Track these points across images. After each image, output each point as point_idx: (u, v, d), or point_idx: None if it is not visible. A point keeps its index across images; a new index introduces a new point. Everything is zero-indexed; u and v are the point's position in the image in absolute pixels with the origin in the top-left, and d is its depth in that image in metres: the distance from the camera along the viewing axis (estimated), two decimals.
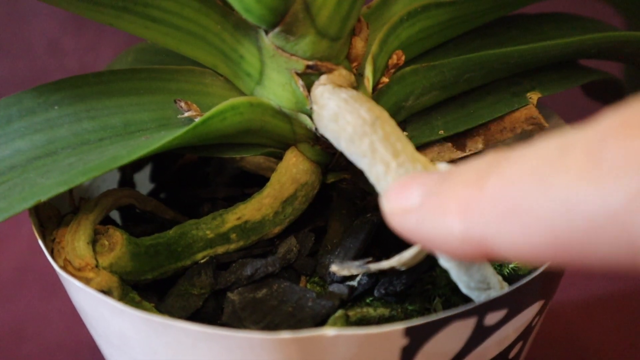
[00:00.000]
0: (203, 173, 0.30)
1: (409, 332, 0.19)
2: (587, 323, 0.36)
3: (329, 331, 0.19)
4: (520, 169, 0.14)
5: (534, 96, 0.26)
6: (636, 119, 0.13)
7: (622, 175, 0.12)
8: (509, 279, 0.23)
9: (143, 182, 0.32)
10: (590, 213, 0.13)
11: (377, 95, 0.25)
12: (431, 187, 0.17)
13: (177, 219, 0.27)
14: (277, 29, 0.22)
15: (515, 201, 0.14)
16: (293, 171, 0.25)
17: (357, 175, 0.25)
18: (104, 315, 0.21)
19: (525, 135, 0.31)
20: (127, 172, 0.31)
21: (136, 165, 0.31)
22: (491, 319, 0.20)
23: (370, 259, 0.22)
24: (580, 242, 0.13)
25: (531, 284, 0.21)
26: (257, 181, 0.27)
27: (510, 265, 0.24)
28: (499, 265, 0.24)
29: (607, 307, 0.37)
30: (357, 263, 0.22)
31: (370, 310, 0.22)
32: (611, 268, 0.13)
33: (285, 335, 0.19)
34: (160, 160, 0.32)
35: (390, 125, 0.21)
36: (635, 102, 0.13)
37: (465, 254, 0.16)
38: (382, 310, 0.22)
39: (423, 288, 0.23)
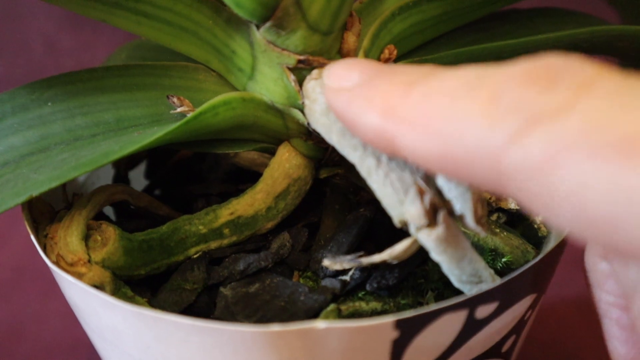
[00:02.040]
0: (197, 170, 0.30)
1: (399, 324, 0.19)
2: (581, 320, 0.36)
3: (319, 324, 0.19)
4: (441, 87, 0.16)
5: None
6: (538, 71, 0.15)
7: (507, 119, 0.14)
8: (502, 272, 0.23)
9: (138, 178, 0.32)
10: (476, 142, 0.15)
11: None
12: (368, 76, 0.19)
13: (171, 215, 0.27)
14: (268, 24, 0.22)
15: (426, 114, 0.16)
16: (286, 166, 0.25)
17: (350, 171, 0.25)
18: (96, 309, 0.21)
19: None
20: (122, 168, 0.31)
21: (130, 162, 0.31)
22: (482, 312, 0.20)
23: (362, 253, 0.22)
24: (464, 163, 0.15)
25: (522, 277, 0.21)
26: (251, 177, 0.27)
27: (503, 259, 0.24)
28: (491, 259, 0.24)
29: None
30: (349, 257, 0.22)
31: (363, 304, 0.22)
32: (488, 188, 0.15)
33: (276, 328, 0.19)
34: (154, 157, 0.32)
35: None
36: (546, 57, 0.15)
37: (375, 144, 0.18)
38: (375, 304, 0.22)
39: (415, 282, 0.23)
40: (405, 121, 0.16)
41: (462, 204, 0.19)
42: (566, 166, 0.13)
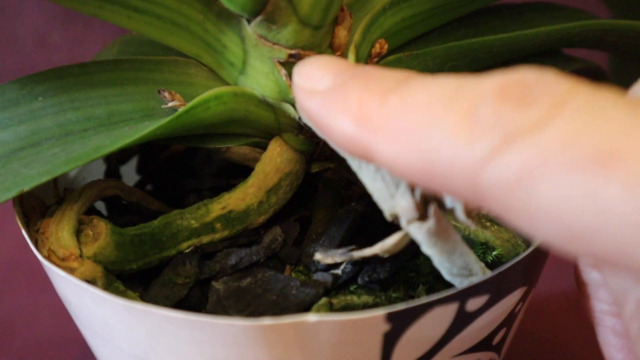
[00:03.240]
0: (189, 164, 0.30)
1: (390, 317, 0.19)
2: (571, 312, 0.37)
3: (311, 317, 0.19)
4: (417, 98, 0.16)
5: None
6: (513, 86, 0.15)
7: (485, 135, 0.14)
8: (492, 265, 0.24)
9: (129, 173, 0.32)
10: (454, 157, 0.15)
11: None
12: (343, 79, 0.18)
13: (163, 210, 0.27)
14: (259, 18, 0.22)
15: (403, 125, 0.16)
16: (277, 160, 0.25)
17: (341, 165, 0.25)
18: (88, 304, 0.21)
19: None
20: (113, 163, 0.31)
21: (122, 157, 0.31)
22: (473, 304, 0.20)
23: (353, 246, 0.22)
24: (442, 177, 0.15)
25: (513, 270, 0.21)
26: (243, 172, 0.27)
27: (494, 253, 0.24)
28: (482, 252, 0.24)
29: None
30: (340, 251, 0.22)
31: (354, 298, 0.23)
32: (466, 201, 0.16)
33: (267, 321, 0.19)
34: (146, 152, 0.32)
35: None
36: (520, 71, 0.15)
37: (349, 151, 0.18)
38: (366, 298, 0.23)
39: (407, 276, 0.23)
40: (380, 131, 0.16)
41: (452, 197, 0.19)
42: (543, 180, 0.13)
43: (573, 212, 0.13)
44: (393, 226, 0.21)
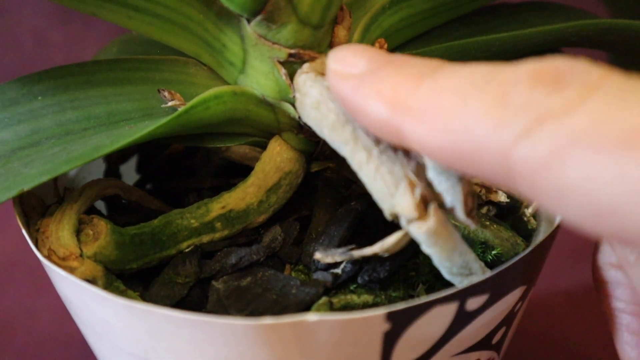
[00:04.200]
0: (189, 164, 0.30)
1: (390, 317, 0.19)
2: (570, 311, 0.37)
3: (310, 316, 0.19)
4: (451, 82, 0.16)
5: None
6: (546, 72, 0.15)
7: (516, 116, 0.15)
8: (492, 265, 0.24)
9: (129, 173, 0.32)
10: (485, 137, 0.15)
11: None
12: (377, 65, 0.19)
13: (163, 209, 0.27)
14: (259, 18, 0.22)
15: (436, 108, 0.16)
16: (277, 160, 0.25)
17: (341, 164, 0.25)
18: (88, 303, 0.21)
19: None
20: (113, 162, 0.31)
21: (122, 156, 0.31)
22: (473, 304, 0.20)
23: (353, 246, 0.22)
24: (472, 158, 0.16)
25: (512, 269, 0.21)
26: (243, 171, 0.27)
27: (493, 252, 0.24)
28: (481, 252, 0.24)
29: (593, 297, 0.37)
30: (340, 250, 0.22)
31: (354, 297, 0.23)
32: (496, 183, 0.16)
33: (268, 321, 0.19)
34: (146, 151, 0.32)
35: None
36: (554, 58, 0.15)
37: (380, 134, 0.18)
38: (366, 297, 0.23)
39: (406, 275, 0.23)
40: (414, 113, 0.17)
41: (452, 197, 0.20)
42: (573, 160, 0.14)
43: (601, 192, 0.14)
44: (393, 225, 0.21)
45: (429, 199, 0.20)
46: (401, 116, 0.17)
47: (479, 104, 0.15)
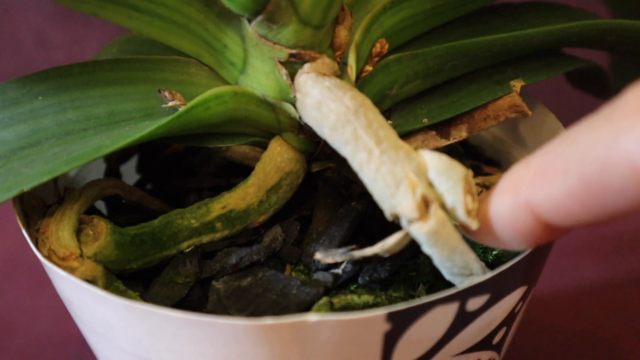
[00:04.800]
0: (189, 164, 0.30)
1: (391, 317, 0.19)
2: (571, 311, 0.37)
3: (311, 317, 0.19)
4: (553, 149, 0.17)
5: (517, 84, 0.26)
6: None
7: (634, 125, 0.15)
8: (493, 265, 0.24)
9: (129, 173, 0.32)
10: (606, 153, 0.15)
11: (361, 83, 0.25)
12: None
13: (163, 209, 0.27)
14: (259, 18, 0.22)
15: (548, 167, 0.17)
16: (278, 160, 0.25)
17: (342, 164, 0.25)
18: (88, 303, 0.21)
19: (508, 124, 0.31)
20: (113, 162, 0.31)
21: (122, 156, 0.31)
22: (473, 304, 0.20)
23: (354, 246, 0.22)
24: (601, 179, 0.15)
25: (513, 269, 0.21)
26: (243, 171, 0.27)
27: (494, 252, 0.24)
28: (482, 252, 0.24)
29: (594, 296, 0.37)
30: (341, 250, 0.22)
31: (355, 297, 0.23)
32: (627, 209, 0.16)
33: (268, 321, 0.19)
34: (146, 151, 0.32)
35: (373, 112, 0.21)
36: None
37: (518, 225, 0.18)
38: (367, 297, 0.23)
39: (407, 275, 0.23)
40: (533, 181, 0.17)
41: (453, 197, 0.19)
42: None
43: None
44: (393, 225, 0.21)
45: (429, 199, 0.20)
46: (523, 192, 0.18)
47: (589, 136, 0.16)
